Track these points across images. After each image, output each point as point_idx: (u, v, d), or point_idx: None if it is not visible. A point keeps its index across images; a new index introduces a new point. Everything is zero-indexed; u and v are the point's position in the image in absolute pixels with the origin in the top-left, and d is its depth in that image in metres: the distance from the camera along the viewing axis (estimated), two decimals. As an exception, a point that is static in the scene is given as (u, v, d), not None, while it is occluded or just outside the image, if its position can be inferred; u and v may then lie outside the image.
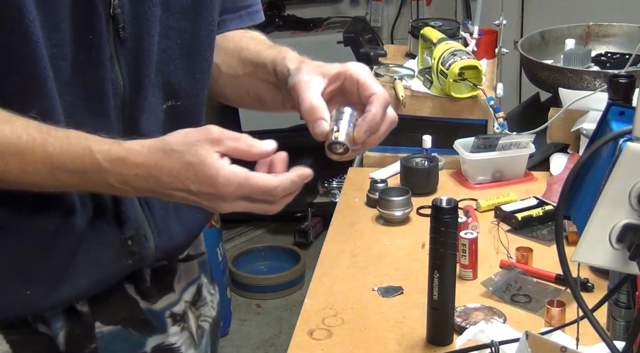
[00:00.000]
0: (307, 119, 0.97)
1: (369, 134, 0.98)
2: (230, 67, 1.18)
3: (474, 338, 1.16)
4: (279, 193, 0.95)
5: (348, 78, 1.00)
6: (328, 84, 1.00)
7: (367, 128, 0.97)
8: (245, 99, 1.19)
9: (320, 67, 1.02)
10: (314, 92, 0.98)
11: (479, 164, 1.87)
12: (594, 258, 0.84)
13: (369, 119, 0.97)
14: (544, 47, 2.27)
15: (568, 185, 0.86)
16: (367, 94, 0.99)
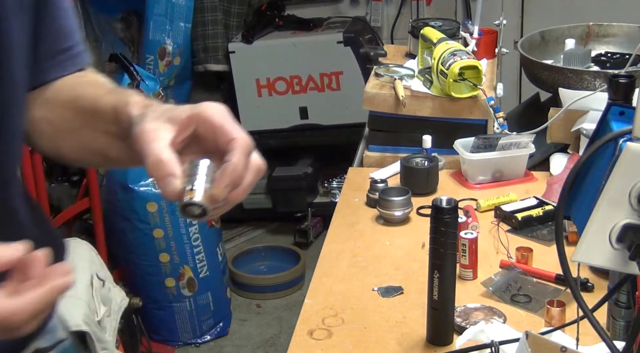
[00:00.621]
0: (154, 176, 0.80)
1: (230, 189, 0.81)
2: (66, 121, 0.99)
3: (474, 338, 1.16)
4: (22, 319, 0.74)
5: (202, 123, 0.84)
6: (178, 131, 0.83)
7: (228, 182, 0.81)
8: (89, 157, 1.02)
9: (168, 112, 0.85)
10: (161, 142, 0.81)
11: (479, 164, 1.87)
12: (594, 258, 0.84)
13: (229, 170, 0.81)
14: (544, 47, 2.27)
15: (568, 185, 0.86)
16: (225, 140, 0.82)
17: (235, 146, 0.82)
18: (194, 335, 3.11)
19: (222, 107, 0.85)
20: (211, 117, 0.84)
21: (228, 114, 0.85)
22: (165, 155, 0.80)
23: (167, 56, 3.65)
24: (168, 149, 0.81)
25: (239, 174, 0.81)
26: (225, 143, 0.82)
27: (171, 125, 0.83)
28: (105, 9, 3.99)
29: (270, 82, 3.71)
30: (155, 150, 0.80)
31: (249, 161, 0.83)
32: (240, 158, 0.82)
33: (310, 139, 3.79)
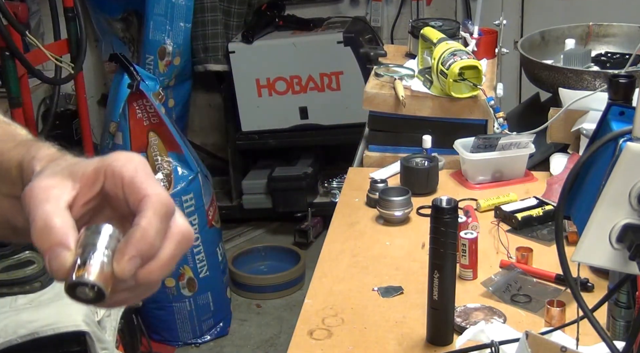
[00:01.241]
0: (39, 246, 0.61)
1: (138, 262, 0.61)
2: None
3: (474, 338, 1.16)
4: None
5: (110, 177, 0.64)
6: (81, 190, 0.64)
7: (133, 253, 0.60)
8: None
9: (72, 166, 0.66)
10: (54, 204, 0.62)
11: (479, 164, 1.87)
12: (594, 258, 0.84)
13: (135, 237, 0.60)
14: (544, 47, 2.27)
15: (568, 185, 0.86)
16: (135, 198, 0.63)
17: (145, 206, 0.62)
18: (194, 335, 3.11)
19: (137, 157, 0.65)
20: (120, 169, 0.63)
21: (144, 165, 0.65)
22: (57, 221, 0.60)
23: (167, 56, 3.65)
24: (62, 213, 0.62)
25: (150, 242, 0.61)
26: (135, 203, 0.63)
27: (72, 182, 0.64)
28: (105, 9, 3.99)
29: (270, 82, 3.71)
30: (44, 214, 0.61)
31: (168, 226, 0.63)
32: (152, 221, 0.61)
33: (310, 139, 3.79)
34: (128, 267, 0.61)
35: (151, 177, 0.64)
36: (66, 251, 0.60)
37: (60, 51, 3.01)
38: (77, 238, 0.61)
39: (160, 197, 0.63)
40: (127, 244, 0.61)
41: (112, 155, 0.65)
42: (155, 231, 0.62)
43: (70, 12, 3.02)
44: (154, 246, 0.62)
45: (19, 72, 2.72)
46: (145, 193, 0.63)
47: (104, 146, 3.33)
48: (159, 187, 0.64)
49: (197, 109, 4.16)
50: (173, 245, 0.63)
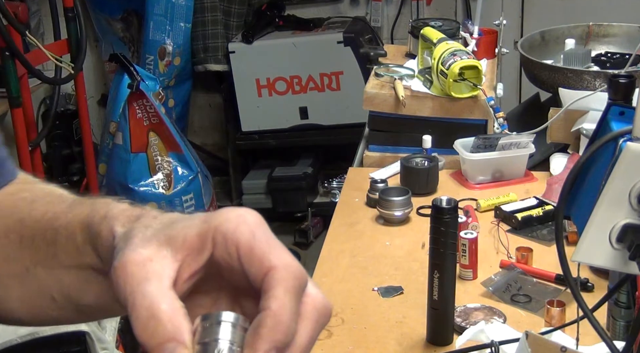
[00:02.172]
0: (147, 342, 0.48)
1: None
2: (7, 260, 0.66)
3: (474, 338, 1.16)
4: None
5: (220, 244, 0.51)
6: (185, 261, 0.51)
7: (267, 347, 0.48)
8: (49, 310, 0.65)
9: (167, 228, 0.52)
10: (156, 285, 0.49)
11: (479, 164, 1.87)
12: (594, 258, 0.84)
13: (267, 327, 0.48)
14: (544, 47, 2.27)
15: (568, 185, 0.86)
16: (257, 271, 0.50)
17: (273, 282, 0.49)
18: (194, 335, 3.10)
19: (251, 215, 0.52)
20: (233, 234, 0.50)
21: (262, 226, 0.52)
22: (165, 307, 0.48)
23: (167, 56, 3.65)
24: (169, 297, 0.49)
25: (285, 330, 0.49)
26: (258, 277, 0.50)
27: (172, 250, 0.51)
28: (105, 9, 3.99)
29: (270, 82, 3.71)
30: (147, 299, 0.48)
31: (302, 303, 0.51)
32: (285, 302, 0.49)
33: (310, 139, 3.79)
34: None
35: (273, 241, 0.52)
36: (182, 348, 0.47)
37: (60, 51, 3.01)
38: (193, 330, 0.49)
39: (291, 269, 0.51)
40: (258, 336, 0.48)
41: (219, 214, 0.51)
42: (290, 315, 0.49)
43: (70, 12, 3.02)
44: (289, 334, 0.49)
45: (19, 72, 2.72)
46: (270, 264, 0.50)
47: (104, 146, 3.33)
48: (285, 254, 0.52)
49: (197, 109, 4.16)
50: (310, 326, 0.51)
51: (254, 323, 0.49)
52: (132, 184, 2.94)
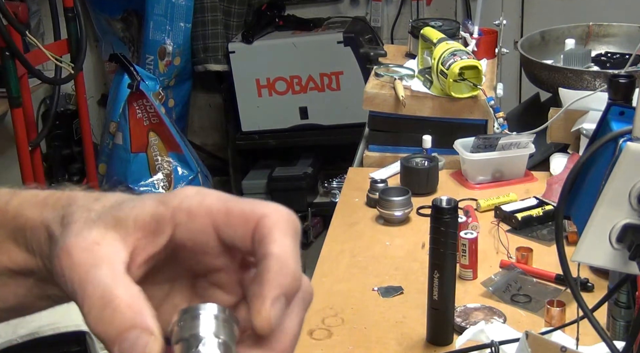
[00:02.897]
0: (102, 334, 0.42)
1: (283, 304, 0.43)
2: None
3: (474, 338, 1.16)
4: None
5: (186, 223, 0.45)
6: (137, 244, 0.44)
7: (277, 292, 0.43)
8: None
9: (115, 210, 0.45)
10: (108, 268, 0.42)
11: (479, 164, 1.87)
12: (594, 258, 0.84)
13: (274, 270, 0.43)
14: (544, 47, 2.27)
15: (568, 185, 0.86)
16: (245, 228, 0.45)
17: (267, 228, 0.44)
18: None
19: (212, 190, 0.47)
20: (200, 207, 0.45)
21: (227, 194, 0.46)
22: (120, 292, 0.41)
23: (167, 56, 3.65)
24: (124, 281, 0.42)
25: (292, 272, 0.43)
26: (246, 235, 0.45)
27: (122, 234, 0.44)
28: (105, 9, 3.99)
29: (270, 82, 3.71)
30: (99, 287, 0.42)
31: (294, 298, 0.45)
32: (286, 243, 0.44)
33: (310, 139, 3.79)
34: (274, 313, 0.42)
35: (248, 200, 0.46)
36: (146, 335, 0.41)
37: (60, 51, 3.01)
38: (170, 328, 0.43)
39: (282, 213, 0.45)
40: (265, 281, 0.43)
41: (176, 194, 0.46)
42: (294, 259, 0.44)
43: (70, 12, 3.02)
44: (296, 279, 0.44)
45: (19, 72, 2.72)
46: (256, 215, 0.44)
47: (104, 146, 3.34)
48: (269, 203, 0.46)
49: (197, 109, 4.16)
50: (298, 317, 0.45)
51: (259, 272, 0.43)
52: (132, 185, 2.94)
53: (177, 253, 0.46)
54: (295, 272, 0.43)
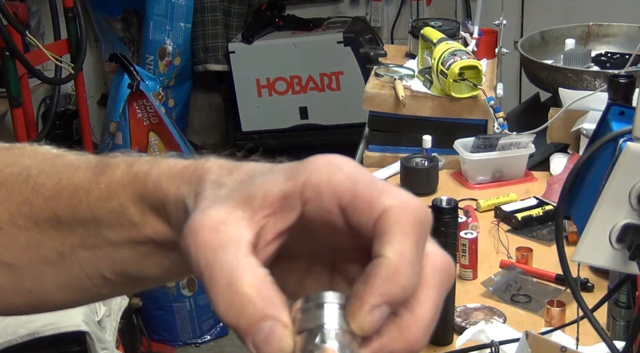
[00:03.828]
0: (232, 324, 0.39)
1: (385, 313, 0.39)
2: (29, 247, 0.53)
3: (474, 338, 1.16)
4: None
5: (314, 199, 0.41)
6: (267, 222, 0.42)
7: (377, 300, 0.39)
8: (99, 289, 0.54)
9: (244, 186, 0.43)
10: (233, 252, 0.40)
11: (479, 164, 1.87)
12: (594, 258, 0.84)
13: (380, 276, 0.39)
14: (544, 47, 2.27)
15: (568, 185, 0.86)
16: (368, 217, 0.40)
17: (388, 225, 0.40)
18: (194, 335, 3.11)
19: (345, 160, 0.42)
20: (329, 185, 0.41)
21: (360, 168, 0.42)
22: (249, 279, 0.39)
23: (167, 56, 3.65)
24: (251, 265, 0.40)
25: (403, 280, 0.39)
26: (368, 225, 0.40)
27: (250, 211, 0.41)
28: (105, 9, 3.99)
29: (270, 82, 3.71)
30: (225, 272, 0.40)
31: (425, 254, 0.41)
32: (404, 246, 0.39)
33: (310, 139, 3.79)
34: (369, 320, 0.39)
35: (381, 182, 0.42)
36: (280, 327, 0.39)
37: (60, 51, 3.01)
38: (292, 316, 0.39)
39: (409, 208, 0.41)
40: (369, 286, 0.39)
41: (306, 166, 0.42)
42: (409, 265, 0.39)
43: (70, 12, 3.02)
44: (407, 288, 0.39)
45: (19, 72, 2.72)
46: (382, 205, 0.40)
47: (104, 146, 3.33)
48: (400, 192, 0.42)
49: (197, 109, 4.16)
50: (434, 293, 0.42)
51: (365, 274, 0.39)
52: (132, 184, 2.94)
53: (311, 232, 0.43)
54: (406, 281, 0.39)
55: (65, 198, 0.52)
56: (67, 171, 0.52)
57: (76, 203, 0.51)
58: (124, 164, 0.50)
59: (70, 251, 0.52)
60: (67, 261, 0.53)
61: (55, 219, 0.52)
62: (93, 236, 0.51)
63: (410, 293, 0.40)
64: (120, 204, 0.49)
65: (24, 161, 0.54)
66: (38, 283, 0.54)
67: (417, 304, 0.41)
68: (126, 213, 0.49)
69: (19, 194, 0.53)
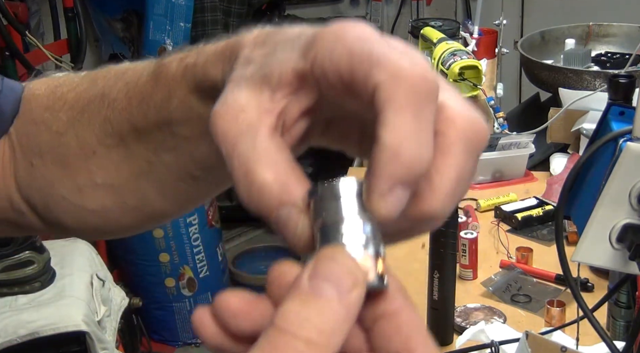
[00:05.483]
0: (257, 212, 0.40)
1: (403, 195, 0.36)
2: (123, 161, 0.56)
3: (474, 338, 1.16)
4: None
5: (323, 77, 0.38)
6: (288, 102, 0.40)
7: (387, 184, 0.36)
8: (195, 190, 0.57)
9: (266, 62, 0.40)
10: (251, 139, 0.38)
11: (479, 164, 1.86)
12: (594, 258, 0.84)
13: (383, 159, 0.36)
14: (544, 47, 2.27)
15: (568, 185, 0.86)
16: (363, 95, 0.38)
17: (381, 100, 0.36)
18: (194, 335, 3.11)
19: (352, 29, 0.38)
20: (330, 63, 0.38)
21: (367, 35, 0.38)
22: (264, 165, 0.38)
23: (167, 56, 3.65)
24: (268, 150, 0.38)
25: (407, 158, 0.36)
26: (368, 105, 0.37)
27: (269, 92, 0.39)
28: (105, 9, 3.99)
29: (270, 82, 3.71)
30: (242, 160, 0.38)
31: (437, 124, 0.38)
32: (400, 122, 0.36)
33: (310, 139, 3.79)
34: (384, 206, 0.36)
35: (379, 44, 0.37)
36: (296, 212, 0.38)
37: (60, 51, 3.01)
38: (308, 194, 0.38)
39: (399, 79, 0.36)
40: (372, 174, 0.36)
41: (317, 37, 0.39)
42: (411, 139, 0.36)
43: (70, 12, 3.02)
44: (415, 164, 0.36)
45: (19, 72, 2.72)
46: (373, 83, 0.36)
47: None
48: (393, 58, 0.36)
49: (197, 109, 4.16)
50: (454, 159, 0.38)
51: (370, 158, 0.37)
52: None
53: (341, 112, 0.41)
54: (410, 159, 0.35)
55: (136, 106, 0.53)
56: (132, 81, 0.54)
57: (145, 109, 0.52)
58: (176, 61, 0.51)
59: (155, 157, 0.54)
60: (156, 168, 0.55)
61: (134, 130, 0.54)
62: (170, 138, 0.52)
63: (422, 168, 0.36)
64: (181, 100, 0.50)
65: (99, 83, 0.57)
66: (139, 197, 0.57)
67: (435, 174, 0.38)
68: (189, 107, 0.50)
69: (99, 115, 0.55)
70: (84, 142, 0.56)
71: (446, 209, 0.38)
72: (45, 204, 0.59)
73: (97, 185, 0.57)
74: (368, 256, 0.36)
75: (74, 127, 0.56)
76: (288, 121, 0.40)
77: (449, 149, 0.38)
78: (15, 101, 0.61)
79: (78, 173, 0.57)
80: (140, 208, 0.58)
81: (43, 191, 0.59)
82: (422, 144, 0.36)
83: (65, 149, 0.57)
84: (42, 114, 0.59)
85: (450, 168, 0.38)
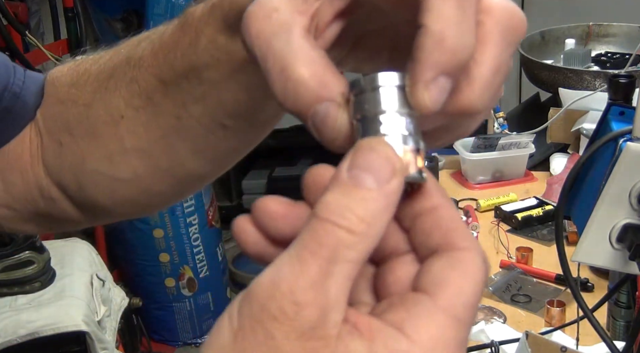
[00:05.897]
0: (294, 110, 0.38)
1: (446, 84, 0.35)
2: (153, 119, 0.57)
3: (474, 338, 1.16)
4: None
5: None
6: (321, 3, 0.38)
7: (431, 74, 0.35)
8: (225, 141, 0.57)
9: None
10: (285, 37, 0.37)
11: (479, 164, 1.87)
12: (594, 258, 0.84)
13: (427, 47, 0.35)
14: (544, 47, 2.27)
15: (568, 185, 0.86)
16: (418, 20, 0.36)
17: None
18: (194, 335, 3.11)
19: None
20: None
21: None
22: (301, 61, 0.37)
23: (167, 56, 3.66)
24: (304, 47, 0.37)
25: (452, 44, 0.35)
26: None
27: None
28: (105, 9, 3.99)
29: (270, 82, 3.71)
30: (277, 59, 0.37)
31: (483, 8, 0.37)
32: (444, 8, 0.35)
33: (310, 139, 3.75)
34: (428, 97, 0.35)
35: None
36: (334, 107, 0.37)
37: (60, 51, 3.01)
38: (344, 93, 0.37)
39: None
40: (417, 62, 0.35)
41: None
42: (455, 24, 0.35)
43: (70, 12, 3.03)
44: (460, 51, 0.35)
45: (19, 72, 2.72)
46: None
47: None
48: None
49: (197, 109, 4.16)
50: (493, 49, 0.37)
51: (413, 47, 0.35)
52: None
53: (375, 16, 0.41)
54: (455, 44, 0.34)
55: (162, 59, 0.53)
56: (157, 38, 0.54)
57: (172, 59, 0.53)
58: (202, 5, 0.51)
59: (184, 110, 0.54)
60: (186, 123, 0.54)
61: (161, 85, 0.54)
62: (197, 85, 0.52)
63: (466, 56, 0.35)
64: (209, 39, 0.50)
65: (121, 51, 0.59)
66: (171, 158, 0.57)
67: (474, 64, 0.36)
68: (218, 45, 0.50)
69: (124, 77, 0.56)
70: (111, 108, 0.57)
71: (484, 102, 0.37)
72: (77, 182, 0.60)
73: (127, 150, 0.57)
74: (408, 149, 0.35)
75: (101, 96, 0.57)
76: (321, 23, 0.38)
77: (487, 38, 0.37)
78: (38, 91, 0.62)
79: (108, 141, 0.57)
80: (174, 171, 0.58)
81: (74, 168, 0.60)
82: (466, 31, 0.35)
83: (93, 119, 0.58)
84: (68, 91, 0.60)
85: (488, 58, 0.37)
